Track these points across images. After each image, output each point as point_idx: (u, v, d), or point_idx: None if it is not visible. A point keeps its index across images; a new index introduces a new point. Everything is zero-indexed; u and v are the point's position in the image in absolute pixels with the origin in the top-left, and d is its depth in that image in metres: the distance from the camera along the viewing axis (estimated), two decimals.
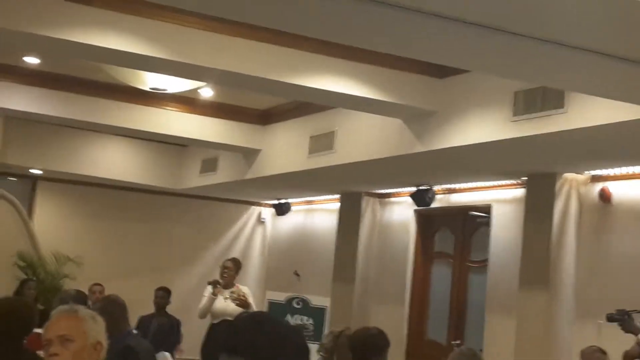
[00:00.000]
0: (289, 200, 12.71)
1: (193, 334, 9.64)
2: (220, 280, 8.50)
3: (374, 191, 11.03)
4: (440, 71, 7.21)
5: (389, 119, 7.90)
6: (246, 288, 8.70)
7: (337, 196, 11.54)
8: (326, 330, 9.01)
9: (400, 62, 7.04)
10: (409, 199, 10.04)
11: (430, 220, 10.50)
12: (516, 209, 8.72)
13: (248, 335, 2.15)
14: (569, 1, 3.75)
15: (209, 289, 8.47)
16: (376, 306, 10.60)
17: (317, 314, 10.24)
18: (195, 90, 8.91)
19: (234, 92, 9.12)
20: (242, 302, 8.13)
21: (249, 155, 10.53)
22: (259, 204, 13.87)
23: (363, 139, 8.48)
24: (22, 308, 4.05)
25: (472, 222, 9.86)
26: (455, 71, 7.05)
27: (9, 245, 11.57)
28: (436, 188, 9.77)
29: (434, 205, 9.78)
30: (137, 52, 6.38)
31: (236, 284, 8.52)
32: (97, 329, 3.00)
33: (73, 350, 2.90)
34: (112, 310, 4.65)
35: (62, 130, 11.47)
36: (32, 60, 8.59)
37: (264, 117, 10.27)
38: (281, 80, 6.89)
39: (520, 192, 8.71)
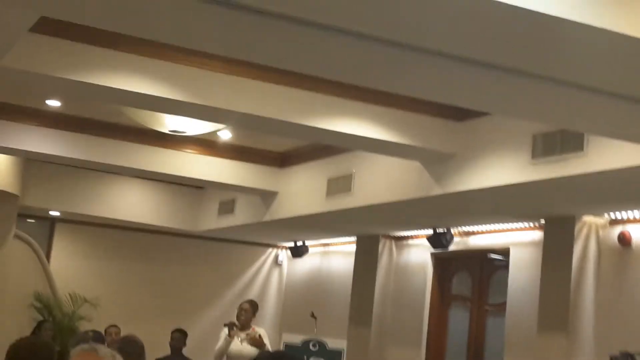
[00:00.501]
0: (306, 243, 12.70)
1: None
2: (237, 322, 8.48)
3: (391, 233, 11.01)
4: (459, 114, 7.24)
5: (407, 162, 7.91)
6: (262, 330, 8.68)
7: (354, 238, 11.53)
8: None
9: (418, 104, 7.07)
10: (426, 242, 10.01)
11: (447, 263, 10.46)
12: (534, 252, 8.68)
13: None
14: (588, 43, 3.77)
15: (226, 330, 8.45)
16: (392, 349, 10.52)
17: (334, 356, 10.17)
18: (214, 133, 8.97)
19: (252, 134, 9.17)
20: (257, 343, 8.12)
21: (266, 197, 10.56)
22: (276, 246, 13.87)
23: (381, 181, 8.49)
24: (43, 348, 4.06)
25: (490, 265, 9.82)
26: (474, 114, 7.07)
27: (26, 287, 11.61)
28: (454, 231, 9.75)
29: (451, 248, 9.74)
30: (158, 95, 6.44)
31: (252, 326, 8.50)
32: None
33: None
34: (131, 350, 4.65)
35: (81, 172, 11.55)
36: (53, 103, 8.69)
37: (282, 160, 10.31)
38: (299, 122, 6.93)
39: (538, 235, 8.68)
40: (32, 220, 12.59)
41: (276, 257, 13.93)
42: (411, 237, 10.87)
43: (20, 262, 11.73)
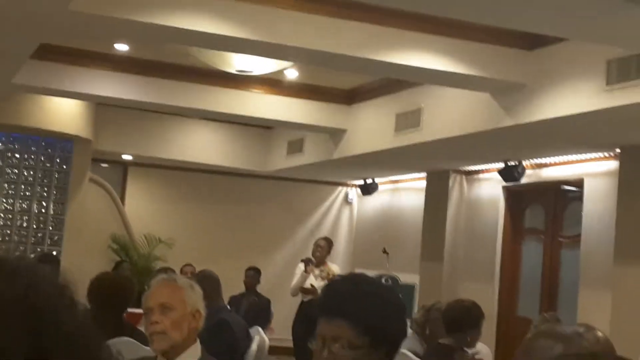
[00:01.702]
0: (376, 180, 12.69)
1: (282, 314, 9.76)
2: (313, 259, 8.58)
3: (461, 168, 10.92)
4: (529, 43, 7.08)
5: (476, 94, 7.80)
6: (336, 266, 8.77)
7: (424, 174, 11.47)
8: (416, 307, 8.98)
9: (487, 35, 6.93)
10: (497, 175, 9.91)
11: (519, 196, 10.35)
12: (609, 182, 8.51)
13: (346, 296, 2.16)
14: None
15: (301, 267, 8.56)
16: (465, 283, 10.51)
17: (407, 291, 10.20)
18: (280, 72, 8.96)
19: (319, 72, 9.13)
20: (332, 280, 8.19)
21: (335, 135, 10.55)
22: (346, 185, 13.90)
23: (450, 115, 8.39)
24: (124, 282, 4.17)
25: (563, 196, 9.68)
26: (544, 42, 6.91)
27: (103, 229, 11.89)
28: (525, 163, 9.62)
29: (523, 180, 9.63)
30: (223, 34, 6.45)
31: (327, 263, 8.58)
32: (195, 297, 3.04)
33: (173, 318, 2.94)
34: (207, 284, 4.72)
35: (152, 115, 11.70)
36: (122, 47, 8.79)
37: (350, 97, 10.26)
38: (367, 57, 6.87)
39: (613, 164, 8.50)
40: (106, 165, 12.84)
41: (346, 195, 13.97)
42: (482, 171, 10.77)
43: (96, 205, 12.00)
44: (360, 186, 13.04)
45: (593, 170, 8.97)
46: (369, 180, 12.68)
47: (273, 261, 12.85)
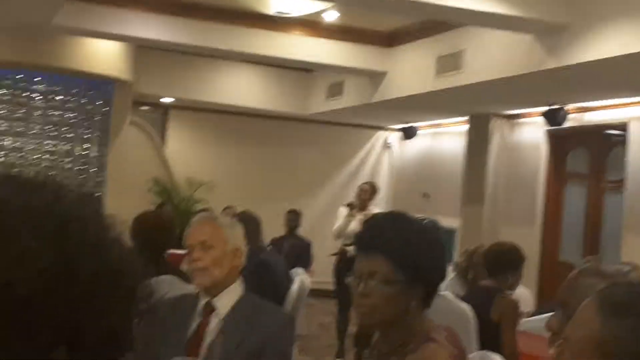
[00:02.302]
0: (416, 124, 12.61)
1: (322, 257, 9.80)
2: (357, 203, 8.62)
3: (502, 112, 10.79)
4: None
5: (518, 35, 7.66)
6: (379, 210, 8.76)
7: (465, 118, 11.37)
8: (456, 251, 8.98)
9: None
10: (540, 119, 9.78)
11: (562, 141, 10.21)
12: None
13: (383, 231, 2.15)
14: None
15: (343, 210, 8.60)
16: (506, 227, 10.45)
17: (447, 235, 10.20)
18: (319, 14, 8.88)
19: (358, 14, 9.02)
20: None
21: (374, 78, 10.46)
22: (385, 129, 13.83)
23: (492, 57, 8.27)
24: (165, 222, 4.20)
25: (607, 140, 9.53)
26: None
27: (145, 172, 11.98)
28: (569, 107, 9.47)
29: (566, 124, 9.49)
30: None
31: (369, 207, 8.61)
32: (235, 235, 3.06)
33: (214, 255, 2.95)
34: (248, 225, 4.74)
35: (191, 58, 11.69)
36: None
37: (390, 39, 10.14)
38: None
39: None
40: (146, 108, 12.89)
41: (386, 139, 13.91)
42: (524, 115, 10.63)
43: (137, 148, 12.08)
44: (400, 130, 12.96)
45: (638, 114, 8.81)
46: (409, 124, 12.60)
47: (313, 204, 12.90)
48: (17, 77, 11.27)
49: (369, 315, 2.12)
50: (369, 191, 8.74)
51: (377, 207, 9.17)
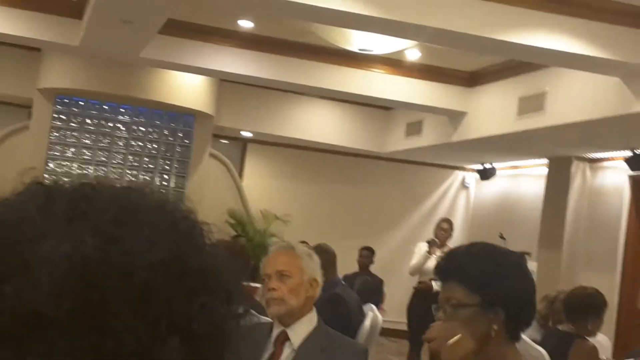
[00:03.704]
0: (494, 165, 12.47)
1: (395, 295, 9.73)
2: (437, 240, 8.60)
3: (584, 155, 10.60)
4: None
5: (604, 78, 7.52)
6: None
7: (544, 161, 11.19)
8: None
9: (618, 15, 6.67)
10: (623, 164, 9.57)
11: None
12: None
13: (458, 258, 2.13)
14: None
15: (420, 246, 8.56)
16: (584, 273, 10.21)
17: None
18: (401, 52, 8.89)
19: (440, 53, 9.01)
20: None
21: (454, 118, 10.40)
22: (463, 169, 13.72)
23: (576, 99, 8.14)
24: (241, 249, 4.22)
25: None
26: None
27: (221, 203, 12.09)
28: None
29: None
30: (347, 10, 6.42)
31: (448, 245, 8.56)
32: (313, 266, 3.05)
33: (290, 285, 2.95)
34: (323, 257, 4.74)
35: (271, 93, 11.82)
36: (246, 23, 8.91)
37: (471, 79, 10.09)
38: (491, 37, 6.71)
39: None
40: (226, 141, 13.06)
41: (463, 179, 13.79)
42: (606, 159, 10.42)
43: (215, 180, 12.23)
44: (478, 170, 12.84)
45: None
46: (488, 165, 12.48)
47: (387, 242, 12.83)
48: (103, 107, 11.57)
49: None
50: (448, 229, 8.78)
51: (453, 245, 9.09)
